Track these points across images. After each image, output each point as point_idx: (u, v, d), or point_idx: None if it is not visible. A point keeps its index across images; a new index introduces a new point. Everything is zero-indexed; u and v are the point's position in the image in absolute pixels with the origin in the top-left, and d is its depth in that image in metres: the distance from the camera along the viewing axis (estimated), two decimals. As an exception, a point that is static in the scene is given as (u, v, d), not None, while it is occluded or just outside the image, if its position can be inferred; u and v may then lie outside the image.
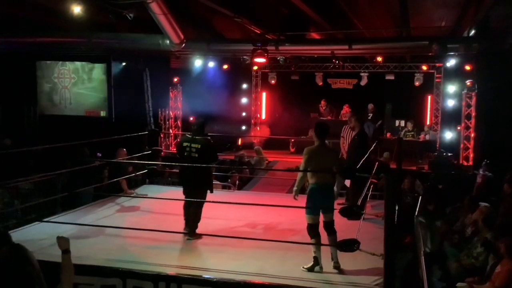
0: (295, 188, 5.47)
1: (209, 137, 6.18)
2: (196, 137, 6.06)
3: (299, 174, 5.45)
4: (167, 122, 15.85)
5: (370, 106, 15.32)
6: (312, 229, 5.11)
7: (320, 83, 16.69)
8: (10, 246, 3.34)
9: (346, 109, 15.85)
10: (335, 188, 5.45)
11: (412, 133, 15.14)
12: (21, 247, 3.35)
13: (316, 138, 5.41)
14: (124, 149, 9.28)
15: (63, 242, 3.63)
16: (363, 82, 16.11)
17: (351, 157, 7.35)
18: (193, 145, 5.99)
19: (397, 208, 4.77)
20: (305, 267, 4.97)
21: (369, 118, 15.06)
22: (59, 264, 3.62)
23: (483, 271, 5.76)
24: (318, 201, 5.15)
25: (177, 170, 9.60)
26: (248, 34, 12.00)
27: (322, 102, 16.26)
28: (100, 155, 10.79)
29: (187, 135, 6.30)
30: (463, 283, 5.61)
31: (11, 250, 3.30)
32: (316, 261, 4.96)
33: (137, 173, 9.18)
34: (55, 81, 14.35)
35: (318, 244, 5.02)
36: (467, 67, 12.84)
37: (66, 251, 3.60)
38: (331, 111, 16.26)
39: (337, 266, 4.99)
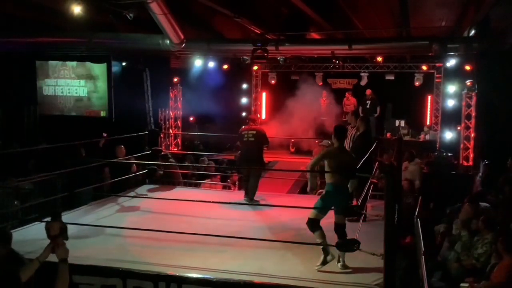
0: (311, 186, 5.90)
1: (261, 127, 8.61)
2: (252, 127, 8.17)
3: (310, 173, 5.74)
4: (167, 122, 15.84)
5: (368, 91, 15.43)
6: (314, 223, 5.07)
7: (320, 83, 16.71)
8: (8, 247, 3.33)
9: (348, 96, 16.13)
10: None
11: (408, 136, 15.21)
12: (13, 250, 3.33)
13: (335, 140, 5.50)
14: (122, 146, 9.36)
15: (62, 251, 3.35)
16: (363, 82, 16.14)
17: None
18: (249, 132, 7.99)
19: (397, 208, 4.77)
20: (318, 264, 4.92)
21: (367, 105, 15.16)
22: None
23: (484, 272, 5.76)
24: (332, 201, 5.17)
25: (175, 171, 9.69)
26: (248, 34, 12.00)
27: (324, 93, 16.35)
28: (106, 134, 10.82)
29: (244, 126, 8.31)
30: (465, 284, 5.61)
31: (8, 251, 3.28)
32: (326, 251, 4.91)
33: (137, 173, 9.20)
34: (55, 81, 14.35)
35: (322, 237, 5.01)
36: (467, 67, 12.84)
37: (64, 261, 3.34)
38: (330, 103, 16.41)
39: (345, 266, 5.00)
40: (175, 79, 15.80)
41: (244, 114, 17.62)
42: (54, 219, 3.53)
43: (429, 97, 16.43)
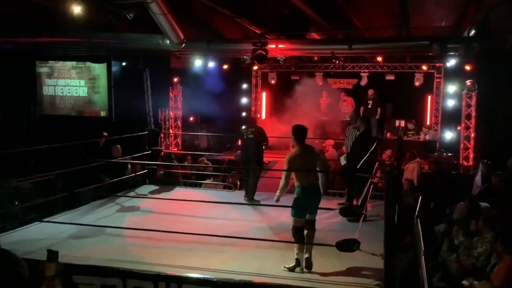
0: (278, 193, 5.55)
1: (260, 126, 8.97)
2: (251, 125, 8.58)
3: (282, 182, 5.51)
4: (167, 122, 15.84)
5: (370, 92, 15.45)
6: (297, 232, 5.14)
7: (320, 83, 16.71)
8: None
9: (344, 97, 16.17)
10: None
11: (413, 132, 15.20)
12: (7, 250, 3.27)
13: (295, 142, 5.46)
14: (118, 146, 9.37)
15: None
16: (363, 82, 16.13)
17: (353, 157, 7.35)
18: (249, 130, 8.35)
19: (397, 208, 4.77)
20: (286, 266, 5.00)
21: (369, 105, 15.18)
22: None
23: (484, 272, 5.76)
24: (305, 203, 5.19)
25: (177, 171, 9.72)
26: (248, 34, 12.00)
27: (324, 93, 16.36)
28: (106, 134, 10.83)
29: (244, 126, 8.94)
30: (466, 283, 5.62)
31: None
32: (298, 262, 5.00)
33: (137, 173, 9.20)
34: (55, 81, 14.34)
35: (301, 242, 5.07)
36: (467, 67, 12.84)
37: None
38: (330, 103, 16.44)
39: (308, 258, 4.99)
40: (175, 79, 15.80)
41: (244, 114, 17.63)
42: (51, 259, 3.40)
43: (429, 97, 16.40)
